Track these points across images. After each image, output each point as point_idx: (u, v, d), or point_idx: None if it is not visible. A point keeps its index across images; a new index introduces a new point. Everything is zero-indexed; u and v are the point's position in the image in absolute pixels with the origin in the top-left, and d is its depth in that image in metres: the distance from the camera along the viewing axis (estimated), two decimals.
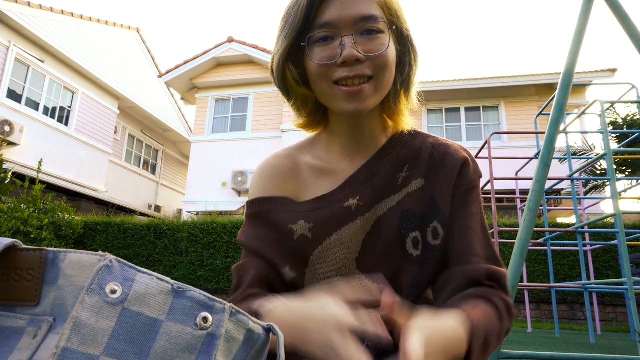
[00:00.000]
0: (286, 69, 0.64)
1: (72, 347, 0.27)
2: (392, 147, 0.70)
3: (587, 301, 3.95)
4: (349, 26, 0.59)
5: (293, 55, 0.64)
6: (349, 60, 0.59)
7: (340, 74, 0.60)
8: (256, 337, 0.35)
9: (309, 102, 0.68)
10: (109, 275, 0.29)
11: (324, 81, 0.62)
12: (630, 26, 1.40)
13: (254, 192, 0.73)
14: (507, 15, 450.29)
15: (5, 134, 8.08)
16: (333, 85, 0.61)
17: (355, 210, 0.66)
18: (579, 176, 6.02)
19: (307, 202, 0.68)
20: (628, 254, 5.89)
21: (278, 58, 0.65)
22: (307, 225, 0.66)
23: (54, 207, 6.94)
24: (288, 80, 0.65)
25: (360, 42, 0.59)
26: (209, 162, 10.19)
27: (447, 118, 9.97)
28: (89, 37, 10.38)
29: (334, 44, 0.60)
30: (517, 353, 1.64)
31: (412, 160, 0.69)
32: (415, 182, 0.67)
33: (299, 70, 0.64)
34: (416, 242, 0.64)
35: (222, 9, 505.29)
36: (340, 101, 0.62)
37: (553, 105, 1.53)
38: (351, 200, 0.66)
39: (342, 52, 0.59)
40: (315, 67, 0.61)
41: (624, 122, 7.28)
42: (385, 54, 0.61)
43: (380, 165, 0.69)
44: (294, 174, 0.71)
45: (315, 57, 0.61)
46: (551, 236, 4.51)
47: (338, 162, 0.70)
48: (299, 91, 0.66)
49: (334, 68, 0.60)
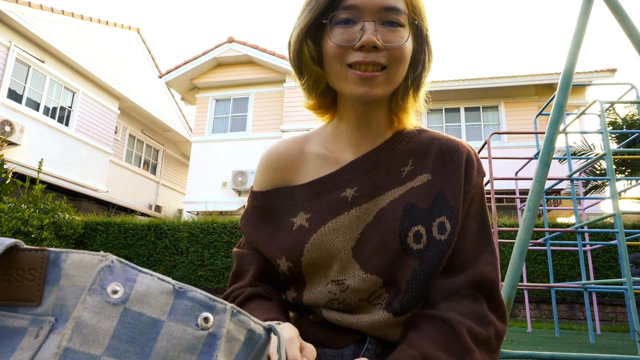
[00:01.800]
0: (304, 44, 0.64)
1: (73, 347, 0.27)
2: (397, 141, 0.71)
3: (587, 301, 3.95)
4: (372, 13, 0.60)
5: (313, 32, 0.64)
6: (366, 45, 0.59)
7: (356, 58, 0.60)
8: (257, 337, 0.35)
9: (321, 83, 0.68)
10: (110, 275, 0.30)
11: (338, 62, 0.62)
12: (630, 26, 1.40)
13: (259, 182, 0.74)
14: (507, 15, 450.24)
15: (6, 134, 8.08)
16: (347, 68, 0.62)
17: (352, 201, 0.66)
18: (579, 176, 6.01)
19: (304, 185, 0.70)
20: (627, 253, 5.90)
21: (298, 32, 0.65)
22: (305, 216, 0.68)
23: (55, 207, 6.94)
24: (304, 56, 0.65)
25: (380, 30, 0.60)
26: (209, 162, 10.19)
27: (447, 118, 9.96)
28: (89, 37, 10.38)
29: (355, 28, 0.61)
30: (517, 353, 1.64)
31: (417, 155, 0.70)
32: (421, 177, 0.68)
33: (316, 48, 0.65)
34: (418, 235, 0.63)
35: (222, 9, 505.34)
36: (351, 84, 0.62)
37: (553, 105, 1.53)
38: (348, 190, 0.67)
39: (362, 37, 0.59)
40: (332, 47, 0.62)
41: (623, 122, 7.28)
42: (402, 47, 0.61)
43: (383, 156, 0.69)
44: (299, 162, 0.72)
45: (335, 38, 0.61)
46: (551, 236, 4.51)
47: (342, 152, 0.71)
48: (312, 69, 0.66)
49: (350, 51, 0.61)
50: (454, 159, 0.68)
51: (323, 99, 0.71)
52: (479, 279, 0.62)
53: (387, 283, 0.63)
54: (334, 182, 0.68)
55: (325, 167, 0.71)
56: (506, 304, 1.45)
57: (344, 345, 0.64)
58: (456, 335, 0.56)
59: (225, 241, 7.17)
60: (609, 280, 2.58)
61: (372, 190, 0.67)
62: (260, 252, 0.71)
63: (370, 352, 0.64)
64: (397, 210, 0.65)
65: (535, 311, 6.26)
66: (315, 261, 0.65)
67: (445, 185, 0.66)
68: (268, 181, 0.73)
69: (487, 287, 0.62)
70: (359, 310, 0.65)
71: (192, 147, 10.50)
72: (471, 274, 0.62)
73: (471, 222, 0.67)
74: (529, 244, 1.48)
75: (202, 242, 7.24)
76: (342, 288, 0.64)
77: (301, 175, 0.71)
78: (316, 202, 0.68)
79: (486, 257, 0.65)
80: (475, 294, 0.62)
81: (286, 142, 0.75)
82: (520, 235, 1.47)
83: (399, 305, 0.62)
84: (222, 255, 7.10)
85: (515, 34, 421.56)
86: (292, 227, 0.68)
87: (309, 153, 0.73)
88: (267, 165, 0.74)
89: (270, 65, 10.09)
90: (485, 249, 0.66)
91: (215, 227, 7.27)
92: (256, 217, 0.73)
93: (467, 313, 0.60)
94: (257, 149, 9.94)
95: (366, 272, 0.63)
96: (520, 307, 6.23)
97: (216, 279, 7.03)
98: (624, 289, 3.77)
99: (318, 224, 0.66)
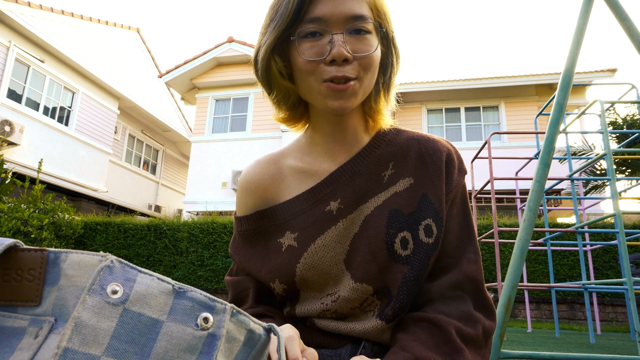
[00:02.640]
0: (272, 60, 0.63)
1: (73, 347, 0.27)
2: (374, 146, 0.70)
3: (587, 301, 3.95)
4: (339, 23, 0.59)
5: (279, 48, 0.62)
6: (337, 59, 0.58)
7: (329, 74, 0.59)
8: (257, 338, 0.35)
9: (291, 97, 0.66)
10: (110, 275, 0.30)
11: (311, 77, 0.61)
12: (630, 26, 1.40)
13: (240, 208, 0.73)
14: (507, 15, 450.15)
15: (6, 134, 8.08)
16: (321, 82, 0.60)
17: (337, 214, 0.66)
18: (579, 176, 6.02)
19: (287, 203, 0.69)
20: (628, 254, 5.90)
21: (265, 49, 0.63)
22: (292, 235, 0.66)
23: (54, 207, 6.94)
24: (272, 72, 0.64)
25: (348, 40, 0.59)
26: (209, 162, 10.19)
27: (447, 118, 9.97)
28: (89, 37, 10.38)
29: (323, 41, 0.59)
30: (517, 353, 1.64)
31: (397, 158, 0.69)
32: (403, 181, 0.67)
33: (284, 63, 0.63)
34: (405, 241, 0.63)
35: (222, 9, 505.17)
36: (325, 98, 0.61)
37: (553, 105, 1.53)
38: (332, 203, 0.66)
39: (332, 50, 0.58)
40: (303, 62, 0.60)
41: (623, 122, 7.28)
42: (372, 56, 0.61)
43: (362, 164, 0.68)
44: (277, 179, 0.71)
45: (304, 53, 0.60)
46: (551, 236, 4.51)
47: (320, 163, 0.70)
48: (282, 84, 0.64)
49: (322, 65, 0.60)
50: (434, 159, 0.68)
51: (294, 111, 0.69)
52: (463, 280, 0.63)
53: (378, 291, 0.63)
54: (316, 196, 0.67)
55: (304, 180, 0.69)
56: (506, 304, 1.45)
57: (340, 346, 0.65)
58: (445, 336, 0.58)
59: (225, 241, 7.17)
60: (609, 281, 2.58)
61: (355, 199, 0.66)
62: (253, 276, 0.70)
63: (367, 349, 0.64)
64: (382, 216, 0.65)
65: (536, 311, 6.26)
66: (309, 279, 0.65)
67: (428, 187, 0.66)
68: (250, 205, 0.72)
69: (471, 286, 0.63)
70: (351, 318, 0.65)
71: (192, 147, 10.50)
72: (455, 276, 0.63)
73: (453, 224, 0.67)
74: (529, 244, 1.48)
75: (202, 242, 7.24)
76: (333, 298, 0.64)
77: (282, 193, 0.70)
78: (302, 219, 0.67)
79: (469, 256, 0.65)
80: (461, 294, 0.63)
81: (261, 163, 0.73)
82: (520, 235, 1.47)
83: (391, 312, 0.62)
84: (221, 255, 7.10)
85: (515, 34, 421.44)
86: (280, 248, 0.66)
87: (286, 169, 0.71)
88: (245, 189, 0.72)
89: None
90: (468, 247, 0.66)
91: (215, 227, 7.27)
92: (244, 243, 0.72)
93: (454, 314, 0.61)
94: (257, 149, 9.95)
95: (356, 281, 0.63)
96: (521, 307, 6.23)
97: (216, 279, 7.03)
98: (624, 289, 3.77)
99: (307, 242, 0.65)
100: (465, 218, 0.68)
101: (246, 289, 0.71)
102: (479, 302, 0.63)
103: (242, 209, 0.73)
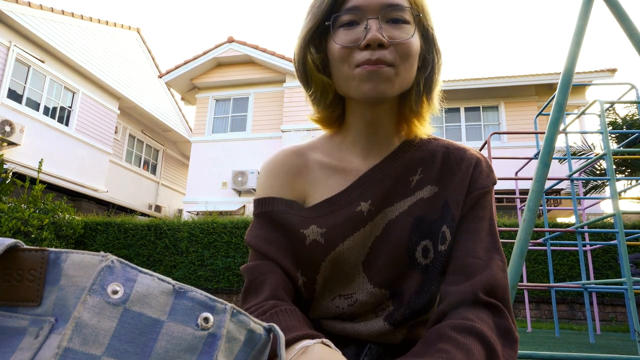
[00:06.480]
0: (307, 52, 0.63)
1: (73, 347, 0.27)
2: (404, 150, 0.68)
3: (587, 301, 3.95)
4: (375, 11, 0.59)
5: (316, 39, 0.63)
6: (372, 43, 0.57)
7: (362, 57, 0.58)
8: (257, 338, 0.35)
9: (329, 93, 0.65)
10: (110, 275, 0.30)
11: (345, 64, 0.60)
12: (630, 26, 1.40)
13: (262, 190, 0.70)
14: (507, 15, 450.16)
15: (6, 134, 8.08)
16: (354, 68, 0.59)
17: (367, 215, 0.64)
18: (579, 176, 6.02)
19: (317, 206, 0.66)
20: (627, 253, 5.89)
21: (300, 40, 0.64)
22: (320, 231, 0.64)
23: (55, 207, 6.94)
24: (308, 65, 0.63)
25: (385, 28, 0.59)
26: (209, 162, 10.19)
27: (447, 118, 9.97)
28: (89, 37, 10.38)
29: (359, 28, 0.59)
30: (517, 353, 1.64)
31: (425, 163, 0.67)
32: (430, 187, 0.65)
33: (320, 55, 0.63)
34: (426, 250, 0.62)
35: (222, 9, 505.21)
36: (358, 82, 0.59)
37: (553, 105, 1.53)
38: (363, 204, 0.64)
39: (367, 35, 0.58)
40: (337, 49, 0.60)
41: (623, 122, 7.28)
42: (409, 42, 0.59)
43: (392, 166, 0.67)
44: (303, 172, 0.69)
45: (339, 39, 0.60)
46: (551, 236, 4.52)
47: (350, 160, 0.69)
48: (318, 78, 0.64)
49: (356, 51, 0.59)
50: (461, 167, 0.65)
51: (331, 111, 0.68)
52: (494, 285, 0.56)
53: (394, 295, 0.63)
54: (348, 197, 0.66)
55: (331, 176, 0.68)
56: None
57: (345, 346, 0.64)
58: (494, 355, 0.50)
59: (225, 241, 7.17)
60: (609, 280, 2.58)
61: (383, 201, 0.65)
62: (273, 262, 0.64)
63: (373, 350, 0.64)
64: (406, 223, 0.63)
65: (535, 311, 6.26)
66: (328, 277, 0.64)
67: (450, 194, 0.64)
68: (275, 188, 0.68)
69: (500, 294, 0.56)
70: (358, 319, 0.65)
71: (192, 147, 10.50)
72: (485, 279, 0.56)
73: (483, 224, 0.62)
74: (529, 244, 1.48)
75: (202, 242, 7.24)
76: (350, 302, 0.63)
77: (308, 188, 0.68)
78: (331, 216, 0.65)
79: (497, 263, 0.58)
80: (493, 302, 0.55)
81: (287, 153, 0.71)
82: (520, 235, 1.46)
83: (400, 317, 0.62)
84: (222, 255, 7.10)
85: (515, 34, 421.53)
86: (304, 241, 0.64)
87: (313, 162, 0.70)
88: (270, 173, 0.69)
89: (270, 65, 10.09)
90: (496, 255, 0.60)
91: (215, 227, 7.27)
92: (264, 225, 0.66)
93: (493, 326, 0.53)
94: (257, 149, 9.95)
95: (374, 285, 0.63)
96: (520, 307, 6.22)
97: (216, 279, 7.03)
98: (624, 289, 3.77)
99: (336, 242, 0.63)
100: (492, 223, 0.64)
101: (263, 273, 0.63)
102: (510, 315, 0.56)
103: (266, 191, 0.69)
